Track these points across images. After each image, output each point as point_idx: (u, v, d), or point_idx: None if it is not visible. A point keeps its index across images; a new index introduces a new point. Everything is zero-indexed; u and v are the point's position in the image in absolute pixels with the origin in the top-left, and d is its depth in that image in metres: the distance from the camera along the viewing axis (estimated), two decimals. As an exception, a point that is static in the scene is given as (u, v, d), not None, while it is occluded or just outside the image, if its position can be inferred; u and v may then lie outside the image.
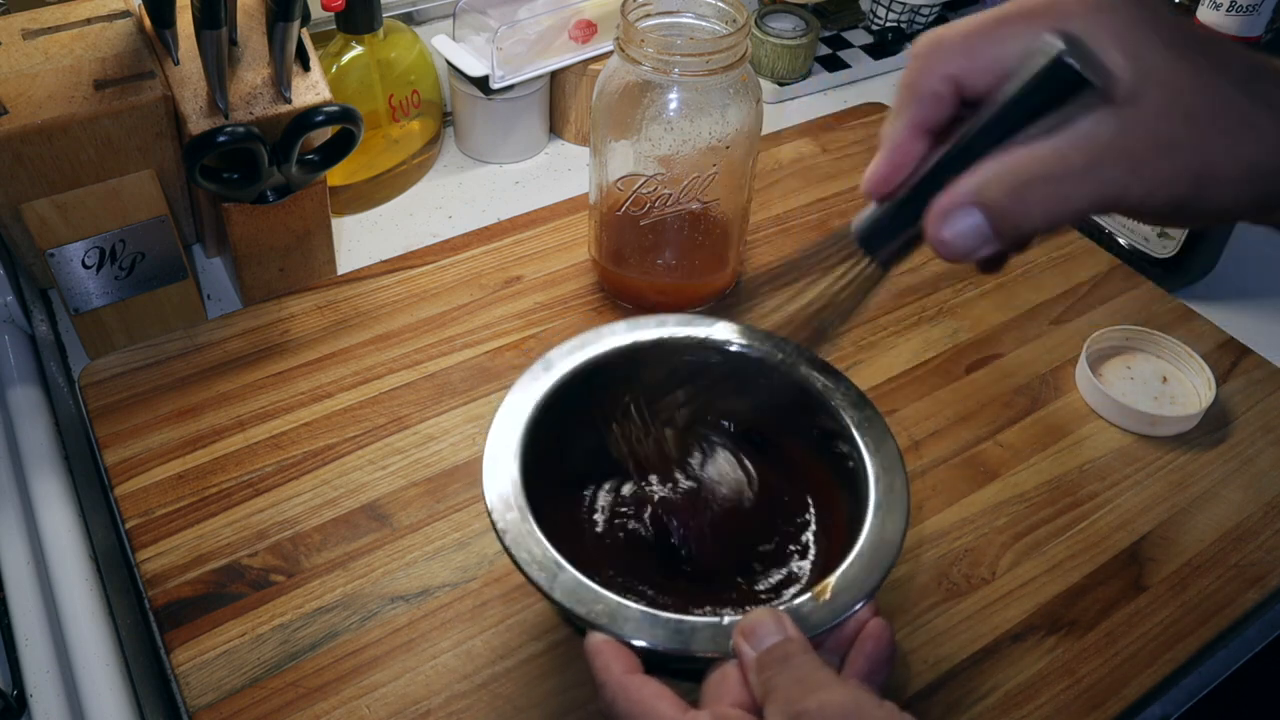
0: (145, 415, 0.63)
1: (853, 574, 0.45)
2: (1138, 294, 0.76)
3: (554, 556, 0.45)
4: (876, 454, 0.50)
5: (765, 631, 0.41)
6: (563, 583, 0.44)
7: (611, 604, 0.43)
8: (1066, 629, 0.55)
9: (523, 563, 0.45)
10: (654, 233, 0.68)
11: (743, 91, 0.63)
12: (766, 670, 0.39)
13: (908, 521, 0.47)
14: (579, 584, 0.44)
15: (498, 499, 0.47)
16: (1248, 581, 0.58)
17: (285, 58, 0.61)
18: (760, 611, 0.42)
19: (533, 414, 0.51)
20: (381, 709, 0.50)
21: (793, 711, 0.37)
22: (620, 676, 0.41)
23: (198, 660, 0.51)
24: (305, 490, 0.59)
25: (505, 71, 0.80)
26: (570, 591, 0.44)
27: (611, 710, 0.41)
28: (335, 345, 0.68)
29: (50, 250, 0.61)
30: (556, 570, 0.44)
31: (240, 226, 0.66)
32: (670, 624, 0.43)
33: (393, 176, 0.83)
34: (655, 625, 0.42)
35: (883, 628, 0.43)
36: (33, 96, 0.57)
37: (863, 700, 0.37)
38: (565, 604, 0.43)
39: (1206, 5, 0.66)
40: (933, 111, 0.36)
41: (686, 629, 0.42)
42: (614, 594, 0.43)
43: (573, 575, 0.44)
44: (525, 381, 0.53)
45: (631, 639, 0.42)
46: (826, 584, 0.44)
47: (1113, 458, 0.64)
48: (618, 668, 0.41)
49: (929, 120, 0.36)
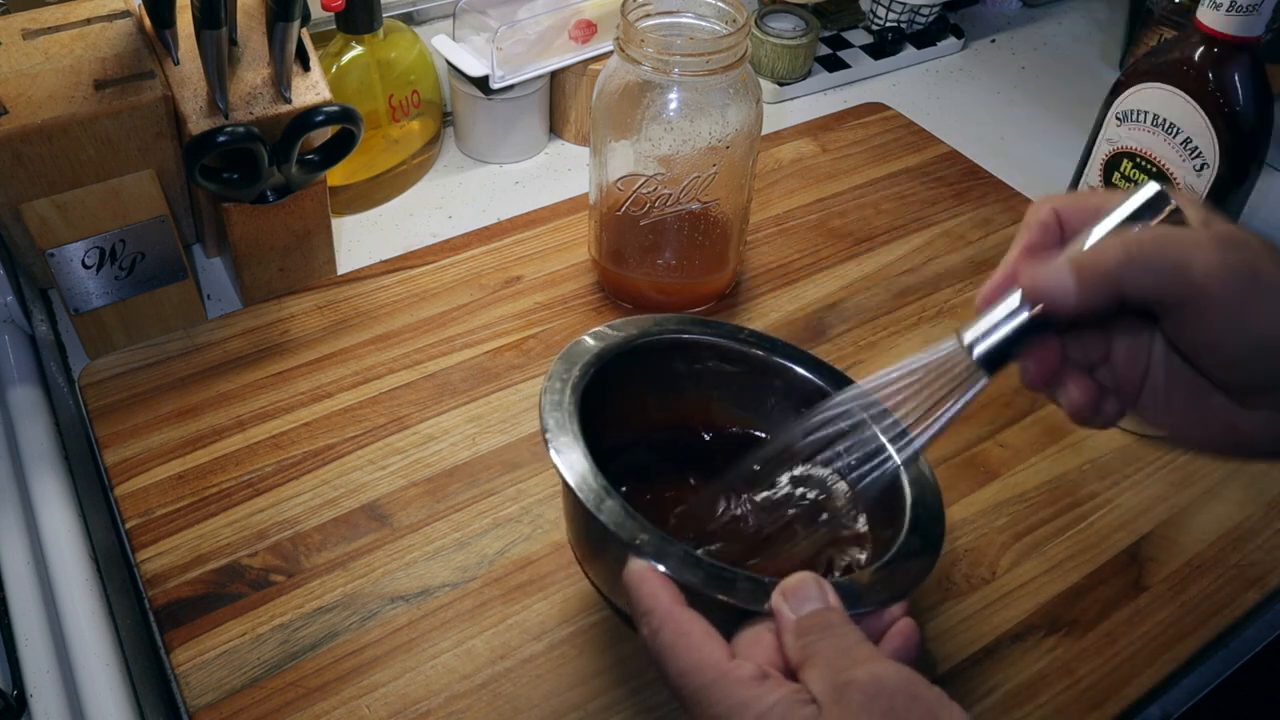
0: (145, 415, 0.63)
1: (891, 569, 0.44)
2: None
3: (604, 483, 0.44)
4: (914, 480, 0.49)
5: (807, 594, 0.39)
6: (609, 509, 0.43)
7: (656, 537, 0.42)
8: (1066, 629, 0.55)
9: (573, 484, 0.44)
10: (654, 233, 0.68)
11: (743, 91, 0.63)
12: (808, 634, 0.38)
13: (944, 531, 0.47)
14: (625, 512, 0.43)
15: (553, 422, 0.46)
16: (1248, 581, 0.58)
17: (285, 58, 0.61)
18: (803, 574, 0.40)
19: (600, 364, 0.51)
20: (381, 709, 0.50)
21: (840, 680, 0.36)
22: (670, 605, 0.39)
23: (198, 660, 0.51)
24: (305, 490, 0.59)
25: (505, 71, 0.80)
26: (616, 517, 0.42)
27: (655, 641, 0.39)
28: (335, 345, 0.68)
29: (50, 250, 0.61)
30: (604, 495, 0.43)
31: (240, 226, 0.66)
32: (712, 569, 0.41)
33: (393, 176, 0.83)
34: (697, 567, 0.41)
35: (912, 628, 0.42)
36: (33, 96, 0.57)
37: (914, 679, 0.36)
38: (611, 526, 0.42)
39: (1206, 5, 0.66)
40: (1039, 237, 0.40)
41: (729, 576, 0.41)
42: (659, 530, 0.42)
43: (620, 504, 0.43)
44: (599, 330, 0.52)
45: (671, 573, 0.41)
46: (867, 571, 0.44)
47: (1113, 458, 0.64)
48: (666, 596, 0.40)
49: (1036, 245, 0.40)
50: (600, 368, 0.51)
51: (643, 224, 0.67)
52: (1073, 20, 1.14)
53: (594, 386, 0.50)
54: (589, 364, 0.51)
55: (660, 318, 0.55)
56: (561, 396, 0.48)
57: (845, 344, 0.70)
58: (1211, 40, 0.67)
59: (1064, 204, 0.40)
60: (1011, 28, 1.12)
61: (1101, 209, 0.38)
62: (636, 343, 0.53)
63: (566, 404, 0.48)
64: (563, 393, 0.48)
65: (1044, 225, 0.40)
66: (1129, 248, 0.36)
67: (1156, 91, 0.71)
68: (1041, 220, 0.40)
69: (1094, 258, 0.36)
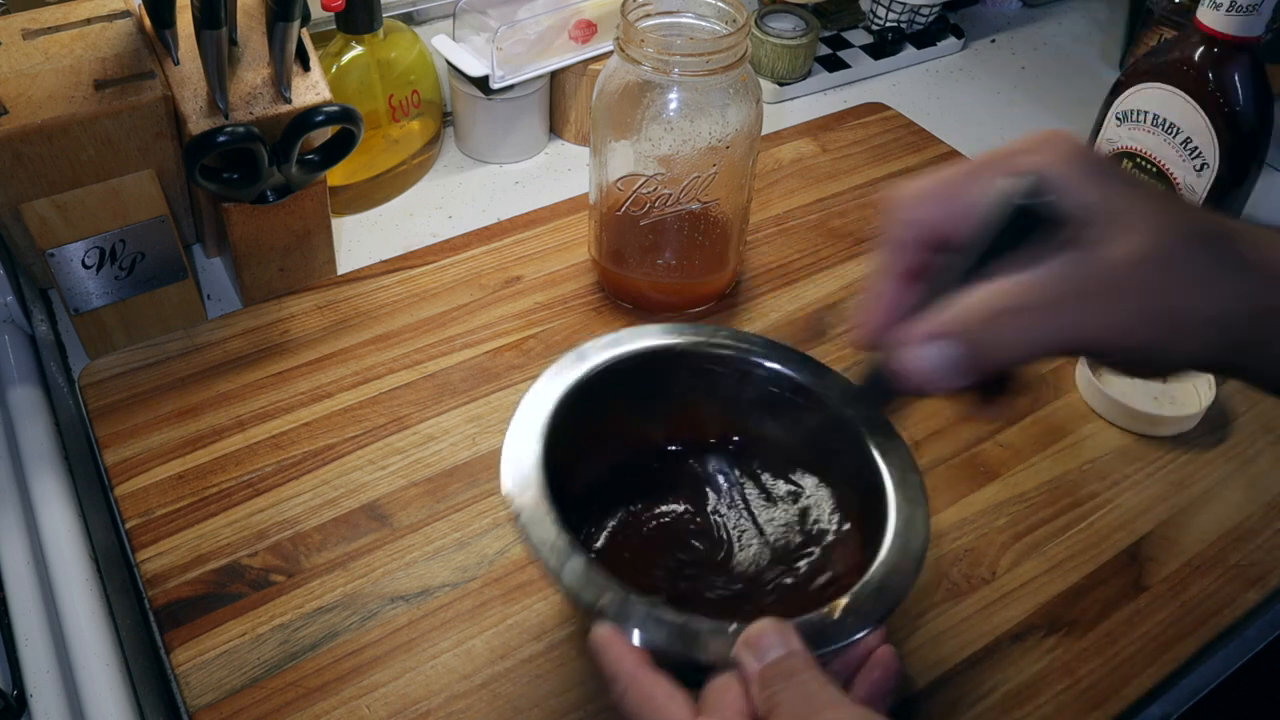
0: (145, 415, 0.63)
1: (865, 597, 0.44)
2: (1138, 294, 0.75)
3: (566, 541, 0.44)
4: (900, 485, 0.48)
5: (769, 644, 0.40)
6: (572, 569, 0.43)
7: (619, 596, 0.42)
8: (1066, 629, 0.55)
9: (535, 544, 0.44)
10: (654, 233, 0.68)
11: (743, 91, 0.63)
12: (771, 685, 0.38)
13: (926, 546, 0.46)
14: (589, 572, 0.43)
15: (514, 479, 0.46)
16: (1248, 581, 0.58)
17: (285, 58, 0.61)
18: (765, 623, 0.40)
19: (561, 401, 0.50)
20: (381, 709, 0.50)
21: None
22: (633, 669, 0.40)
23: (198, 660, 0.51)
24: (305, 490, 0.59)
25: (505, 71, 0.80)
26: (579, 577, 0.43)
27: (622, 704, 0.40)
28: (335, 345, 0.68)
29: (50, 250, 0.61)
30: (568, 555, 0.43)
31: (240, 226, 0.66)
32: (675, 626, 0.41)
33: (393, 176, 0.83)
34: (660, 625, 0.41)
35: (891, 656, 0.42)
36: (33, 96, 0.57)
37: None
38: (572, 592, 0.42)
39: (1206, 5, 0.66)
40: (904, 259, 0.37)
41: (691, 632, 0.41)
42: (622, 585, 0.42)
43: (582, 562, 0.43)
44: (555, 370, 0.51)
45: (633, 636, 0.41)
46: (837, 604, 0.43)
47: (1113, 458, 0.64)
48: (630, 660, 0.40)
49: (904, 268, 0.38)
50: (566, 402, 0.50)
51: (643, 224, 0.67)
52: (1073, 20, 1.14)
53: (561, 420, 0.49)
54: (554, 408, 0.50)
55: (627, 333, 0.54)
56: (523, 446, 0.48)
57: (845, 344, 0.70)
58: (1211, 40, 0.67)
59: (928, 214, 0.37)
60: (1011, 28, 1.12)
61: (971, 215, 0.36)
62: (601, 368, 0.52)
63: (529, 455, 0.47)
64: (525, 440, 0.48)
65: (909, 245, 0.38)
66: (1002, 319, 0.34)
67: (1156, 91, 0.71)
68: (906, 239, 0.38)
69: (979, 355, 0.35)
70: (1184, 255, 0.34)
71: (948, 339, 0.35)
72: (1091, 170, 0.35)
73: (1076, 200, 0.34)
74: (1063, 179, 0.34)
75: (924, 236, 0.37)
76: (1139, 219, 0.34)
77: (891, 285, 0.38)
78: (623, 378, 0.53)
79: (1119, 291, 0.34)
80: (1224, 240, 0.35)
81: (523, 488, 0.46)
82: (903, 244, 0.38)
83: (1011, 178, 0.35)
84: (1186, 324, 0.34)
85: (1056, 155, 0.35)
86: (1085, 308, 0.34)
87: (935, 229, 0.37)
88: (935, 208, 0.37)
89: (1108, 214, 0.34)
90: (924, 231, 0.37)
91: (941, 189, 0.37)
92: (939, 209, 0.37)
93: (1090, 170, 0.35)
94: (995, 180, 0.35)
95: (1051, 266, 0.34)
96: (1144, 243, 0.34)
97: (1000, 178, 0.35)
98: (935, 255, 0.37)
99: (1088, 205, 0.34)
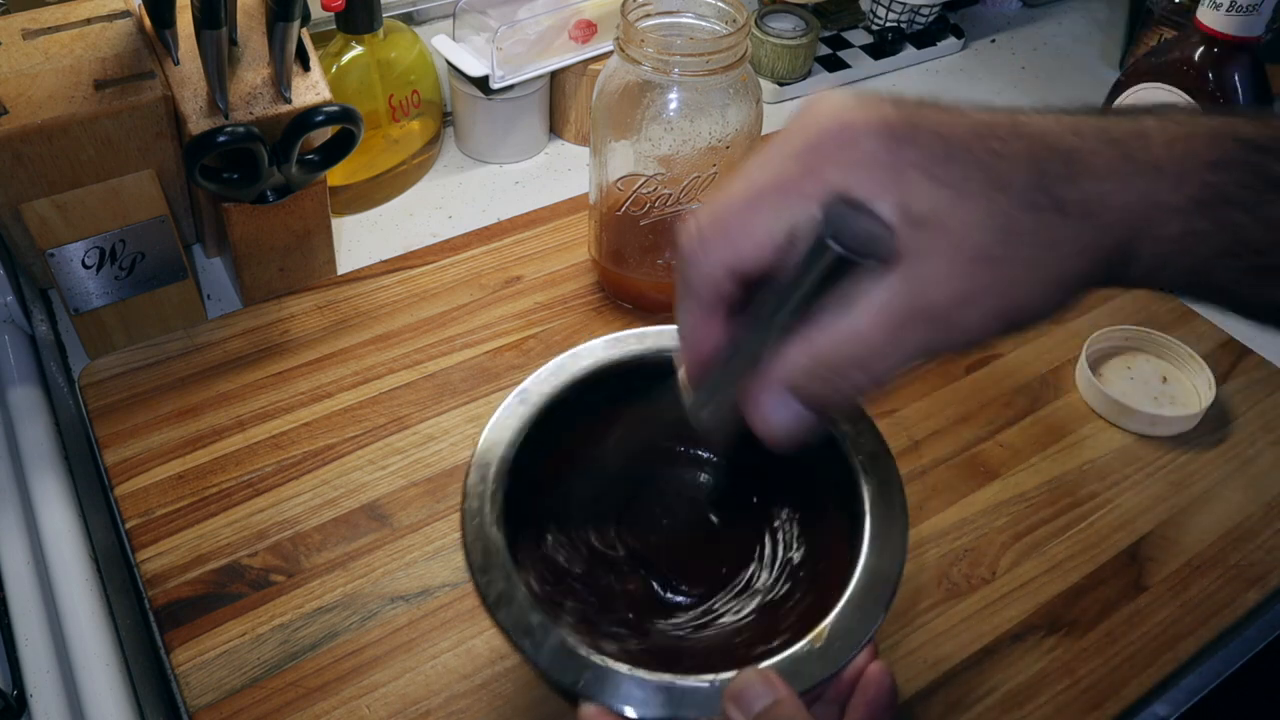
0: (145, 415, 0.63)
1: (848, 616, 0.42)
2: (1138, 294, 0.76)
3: (541, 619, 0.42)
4: (877, 494, 0.47)
5: (755, 695, 0.38)
6: (550, 648, 0.41)
7: (598, 672, 0.41)
8: (1066, 629, 0.55)
9: (510, 630, 0.42)
10: (654, 233, 0.68)
11: (743, 91, 0.63)
12: None
13: (904, 555, 0.45)
14: (565, 651, 0.41)
15: (481, 560, 0.43)
16: (1248, 581, 0.58)
17: (285, 58, 0.61)
18: (747, 673, 0.39)
19: (509, 451, 0.47)
20: (381, 709, 0.50)
21: None
22: None
23: (198, 660, 0.51)
24: (305, 490, 0.59)
25: (505, 71, 0.80)
26: (555, 661, 0.41)
27: None
28: (335, 345, 0.68)
29: (50, 250, 0.61)
30: (545, 634, 0.41)
31: (240, 226, 0.66)
32: (659, 688, 0.40)
33: (393, 176, 0.83)
34: (644, 689, 0.40)
35: (883, 673, 0.41)
36: (33, 96, 0.57)
37: None
38: (551, 674, 0.41)
39: (1206, 5, 0.66)
40: (713, 299, 0.34)
41: (678, 693, 0.40)
42: (599, 655, 0.41)
43: (560, 638, 0.41)
44: (500, 416, 0.48)
45: (623, 709, 0.40)
46: (821, 630, 0.42)
47: (1113, 458, 0.64)
48: None
49: (713, 308, 0.34)
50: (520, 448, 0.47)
51: (643, 224, 0.67)
52: (1073, 20, 1.14)
53: (521, 464, 0.47)
54: (500, 470, 0.47)
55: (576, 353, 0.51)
56: (481, 519, 0.45)
57: (845, 344, 0.70)
58: (1211, 40, 0.67)
59: (726, 255, 0.33)
60: (1011, 28, 1.12)
61: (772, 244, 0.32)
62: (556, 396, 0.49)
63: (490, 527, 0.44)
64: (481, 512, 0.45)
65: (714, 285, 0.34)
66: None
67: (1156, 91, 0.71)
68: (709, 281, 0.34)
69: (830, 404, 0.33)
70: (1006, 240, 0.31)
71: (794, 394, 0.33)
72: (887, 172, 0.31)
73: (880, 215, 0.31)
74: (860, 190, 0.31)
75: (723, 278, 0.34)
76: (949, 216, 0.30)
77: (700, 328, 0.35)
78: (585, 395, 0.50)
79: (949, 303, 0.31)
80: (1043, 193, 0.31)
81: (487, 565, 0.43)
82: (700, 289, 0.34)
83: (802, 202, 0.31)
84: (1025, 308, 0.32)
85: (850, 159, 0.31)
86: (920, 333, 0.31)
87: (735, 270, 0.33)
88: (730, 251, 0.33)
89: (914, 222, 0.30)
90: (722, 273, 0.33)
91: (730, 227, 0.33)
92: (734, 251, 0.33)
93: (886, 173, 0.31)
94: (784, 206, 0.32)
95: (874, 299, 0.31)
96: (960, 244, 0.30)
97: (789, 203, 0.32)
98: (743, 291, 0.34)
99: (892, 219, 0.31)
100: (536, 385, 0.49)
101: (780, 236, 0.32)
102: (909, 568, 0.57)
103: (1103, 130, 0.32)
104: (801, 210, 0.31)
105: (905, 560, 0.45)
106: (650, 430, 0.51)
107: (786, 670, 0.40)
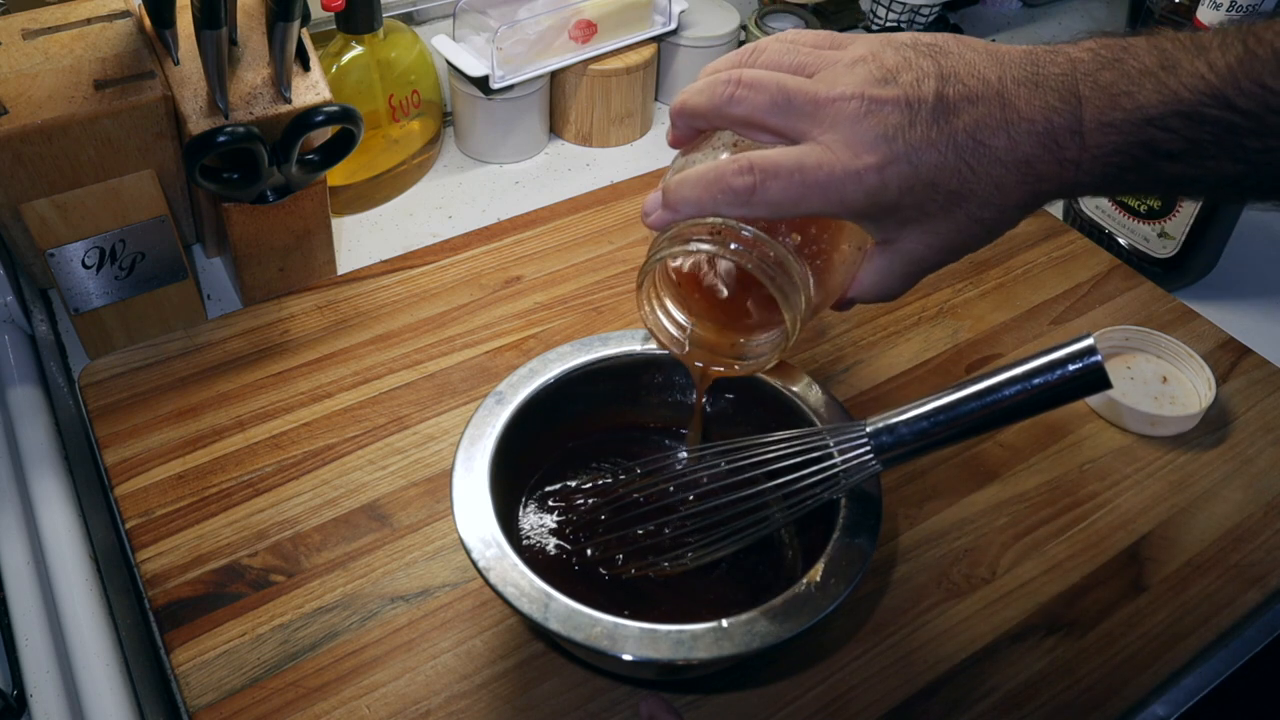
0: (145, 415, 0.63)
1: (837, 558, 0.47)
2: (1138, 294, 0.76)
3: (542, 587, 0.44)
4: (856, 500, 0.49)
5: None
6: (555, 611, 0.44)
7: (608, 625, 0.43)
8: (1066, 629, 0.55)
9: (511, 598, 0.44)
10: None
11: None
12: None
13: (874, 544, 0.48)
14: (572, 610, 0.44)
15: (476, 540, 0.46)
16: (1248, 581, 0.58)
17: (285, 58, 0.61)
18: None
19: (495, 444, 0.51)
20: (381, 709, 0.50)
21: None
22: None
23: (198, 660, 0.51)
24: (305, 490, 0.59)
25: (505, 71, 0.80)
26: (565, 619, 0.43)
27: None
28: (335, 345, 0.68)
29: (50, 250, 0.61)
30: (547, 600, 0.44)
31: (240, 226, 0.66)
32: (670, 635, 0.43)
33: (393, 176, 0.83)
34: (656, 639, 0.43)
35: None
36: (33, 96, 0.57)
37: None
38: (563, 633, 0.43)
39: (1206, 5, 0.66)
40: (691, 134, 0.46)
41: (687, 638, 0.43)
42: (607, 614, 0.43)
43: (564, 603, 0.44)
44: (480, 416, 0.52)
45: (633, 656, 0.42)
46: (815, 570, 0.46)
47: (1113, 458, 0.64)
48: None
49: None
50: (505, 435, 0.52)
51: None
52: (1073, 20, 1.14)
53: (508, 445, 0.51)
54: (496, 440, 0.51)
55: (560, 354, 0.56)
56: (473, 492, 0.49)
57: (845, 344, 0.70)
58: (1211, 40, 0.67)
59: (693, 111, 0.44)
60: (1011, 28, 1.12)
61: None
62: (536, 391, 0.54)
63: (484, 509, 0.48)
64: (474, 489, 0.49)
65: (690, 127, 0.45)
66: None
67: (1156, 91, 0.71)
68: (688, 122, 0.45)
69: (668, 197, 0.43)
70: (955, 221, 0.42)
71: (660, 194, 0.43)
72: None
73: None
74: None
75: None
76: (912, 225, 0.42)
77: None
78: (549, 402, 0.55)
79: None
80: (992, 106, 0.41)
81: (485, 543, 0.46)
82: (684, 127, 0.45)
83: None
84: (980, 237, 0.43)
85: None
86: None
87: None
88: (699, 116, 0.44)
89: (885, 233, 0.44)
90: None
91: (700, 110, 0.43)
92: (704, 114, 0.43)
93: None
94: None
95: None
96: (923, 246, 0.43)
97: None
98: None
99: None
100: (510, 387, 0.54)
101: None
102: (909, 568, 0.57)
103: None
104: None
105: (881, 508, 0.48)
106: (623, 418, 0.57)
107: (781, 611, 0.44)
